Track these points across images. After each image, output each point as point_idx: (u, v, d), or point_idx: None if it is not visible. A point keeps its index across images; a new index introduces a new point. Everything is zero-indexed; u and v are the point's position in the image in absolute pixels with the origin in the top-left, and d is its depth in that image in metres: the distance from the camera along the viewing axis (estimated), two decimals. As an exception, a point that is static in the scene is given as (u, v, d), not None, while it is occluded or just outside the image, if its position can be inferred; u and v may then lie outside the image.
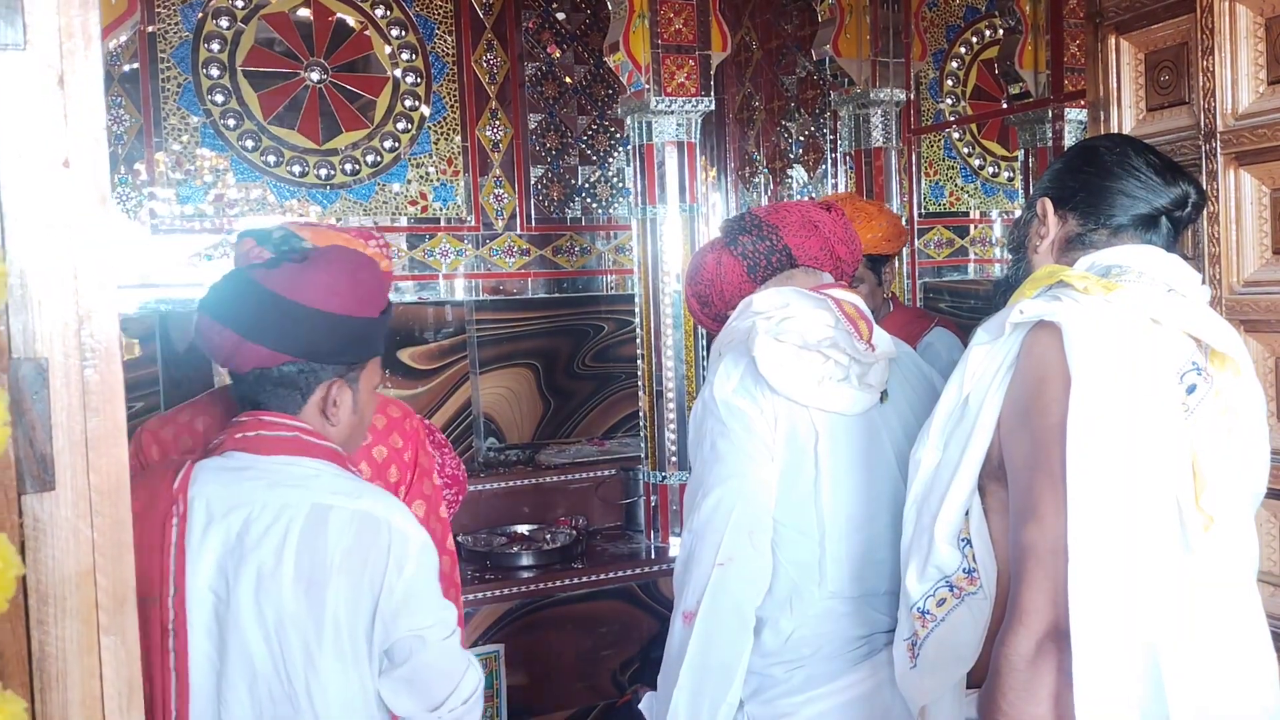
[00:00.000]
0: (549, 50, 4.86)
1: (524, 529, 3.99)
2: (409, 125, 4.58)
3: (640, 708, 1.94)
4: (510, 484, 4.11)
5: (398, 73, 4.56)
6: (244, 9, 4.31)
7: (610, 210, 5.00)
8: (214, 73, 4.27)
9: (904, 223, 3.87)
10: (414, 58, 4.58)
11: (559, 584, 3.61)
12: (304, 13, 4.41)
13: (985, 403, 1.50)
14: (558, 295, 4.83)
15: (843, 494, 1.81)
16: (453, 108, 4.66)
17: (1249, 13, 1.89)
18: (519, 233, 4.78)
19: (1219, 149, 1.92)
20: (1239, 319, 1.89)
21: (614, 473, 4.20)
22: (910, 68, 4.32)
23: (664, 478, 3.82)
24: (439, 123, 4.64)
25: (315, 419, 1.59)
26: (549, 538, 3.88)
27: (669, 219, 3.77)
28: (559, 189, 4.89)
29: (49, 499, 0.67)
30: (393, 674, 1.55)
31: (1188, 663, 1.38)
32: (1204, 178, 1.93)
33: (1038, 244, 1.63)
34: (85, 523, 0.68)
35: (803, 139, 4.93)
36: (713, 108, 3.88)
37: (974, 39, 4.89)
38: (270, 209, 4.38)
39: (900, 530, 1.63)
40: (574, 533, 3.89)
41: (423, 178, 4.61)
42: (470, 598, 3.36)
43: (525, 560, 3.70)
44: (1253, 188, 1.90)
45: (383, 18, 4.52)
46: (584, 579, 3.64)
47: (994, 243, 5.03)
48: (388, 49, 4.54)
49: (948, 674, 1.58)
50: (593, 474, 4.23)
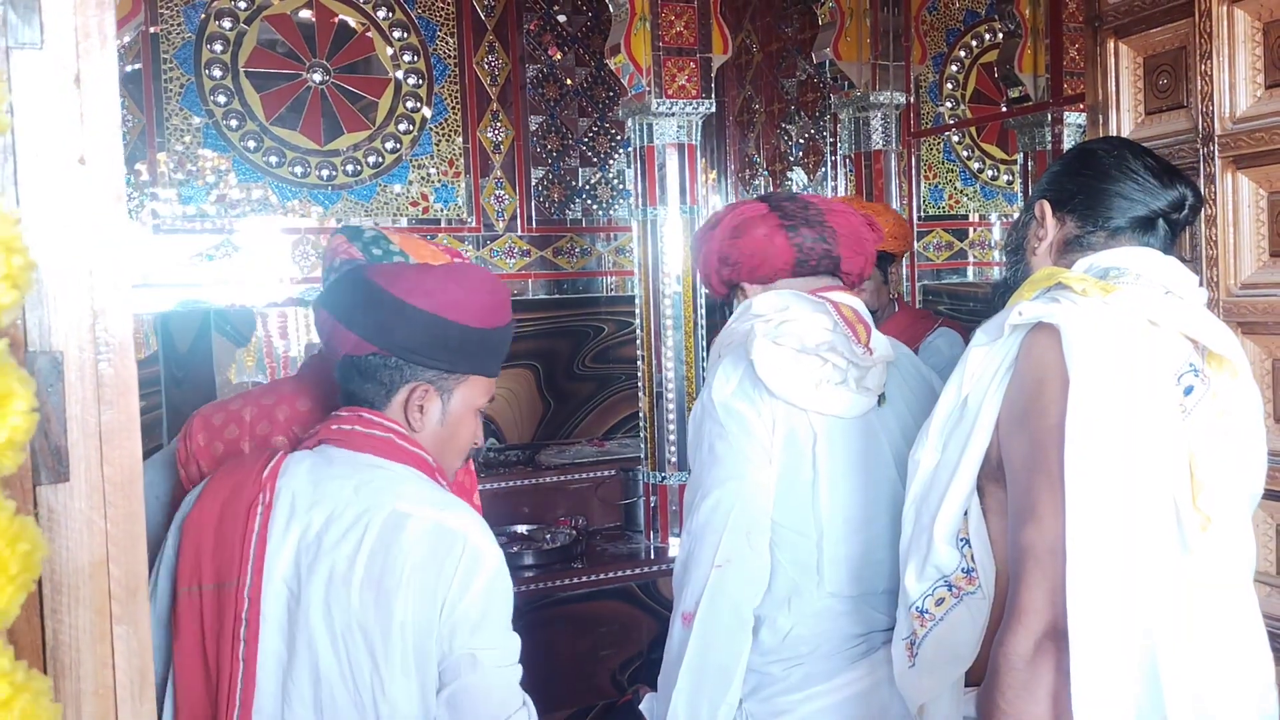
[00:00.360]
0: (550, 52, 4.87)
1: (524, 529, 3.99)
2: (410, 126, 4.59)
3: (641, 708, 1.95)
4: (510, 484, 4.12)
5: (399, 74, 4.57)
6: (246, 10, 4.32)
7: (611, 212, 5.01)
8: (216, 73, 4.28)
9: (908, 225, 3.89)
10: (416, 59, 4.59)
11: (559, 584, 3.61)
12: (306, 14, 4.42)
13: (984, 404, 1.51)
14: (558, 296, 4.84)
15: (841, 496, 1.82)
16: (454, 109, 4.67)
17: (1247, 17, 1.89)
18: (520, 234, 4.79)
19: (1217, 152, 1.93)
20: (1236, 321, 1.90)
21: (614, 473, 4.20)
22: (910, 71, 4.33)
23: (663, 478, 3.83)
24: (440, 124, 4.65)
25: (402, 420, 1.55)
26: (549, 538, 3.89)
27: (669, 220, 3.78)
28: (560, 190, 4.90)
29: (63, 490, 0.68)
30: (440, 694, 1.47)
31: (1185, 662, 1.38)
32: (1202, 181, 1.94)
33: (1036, 246, 1.64)
34: (99, 514, 0.69)
35: (803, 141, 4.94)
36: (713, 110, 3.89)
37: (974, 43, 4.90)
38: (272, 210, 4.39)
39: (898, 530, 1.64)
40: (574, 533, 3.90)
41: (424, 179, 4.62)
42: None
43: (525, 560, 3.70)
44: (1250, 191, 1.90)
45: (385, 19, 4.54)
46: (584, 579, 3.65)
47: (993, 246, 5.04)
48: (389, 50, 4.55)
49: (946, 673, 1.59)
50: (592, 474, 4.24)
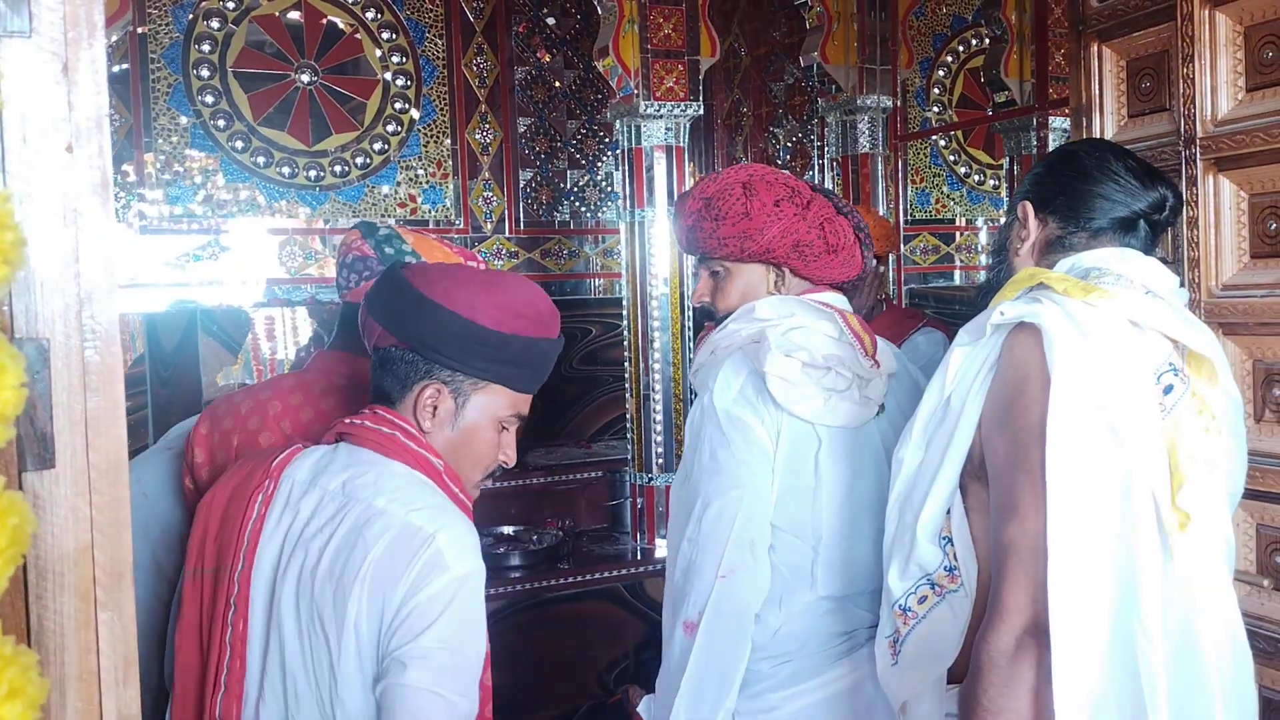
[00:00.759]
0: (539, 55, 4.88)
1: (511, 530, 4.00)
2: (399, 128, 4.60)
3: (639, 710, 1.95)
4: (497, 485, 4.12)
5: (388, 75, 4.57)
6: (235, 11, 4.32)
7: (599, 214, 5.02)
8: (204, 73, 4.28)
9: (893, 228, 3.90)
10: (404, 61, 4.60)
11: (545, 584, 3.62)
12: (294, 15, 4.42)
13: (967, 403, 1.52)
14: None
15: (839, 502, 1.83)
16: (442, 111, 4.68)
17: (1229, 21, 1.91)
18: (508, 235, 4.80)
19: (1198, 154, 1.94)
20: (1217, 322, 1.91)
21: (601, 475, 4.21)
22: (897, 75, 4.36)
23: (650, 479, 3.84)
24: (429, 125, 4.66)
25: (415, 419, 1.52)
26: (536, 539, 3.90)
27: (657, 222, 3.79)
28: (548, 192, 4.91)
29: (49, 476, 0.68)
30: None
31: (1165, 659, 1.40)
32: (1184, 183, 1.96)
33: (1019, 246, 1.65)
34: (84, 500, 0.70)
35: (790, 144, 4.96)
36: (701, 113, 3.90)
37: (961, 48, 4.93)
38: (259, 210, 4.39)
39: (883, 531, 1.65)
40: (561, 534, 3.90)
41: (412, 180, 4.62)
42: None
43: (512, 561, 3.71)
44: (1231, 193, 1.92)
45: (373, 21, 4.54)
46: (570, 580, 3.66)
47: (979, 250, 5.07)
48: (378, 52, 4.55)
49: (928, 671, 1.59)
50: (580, 476, 4.25)
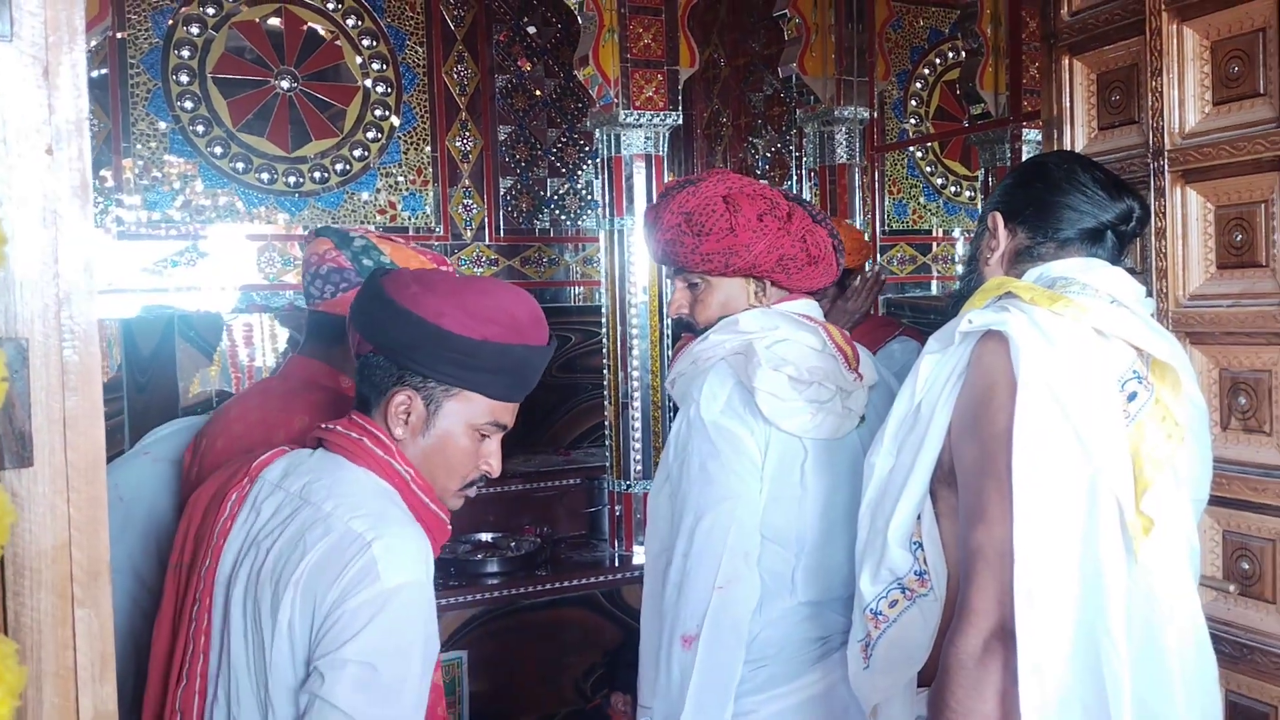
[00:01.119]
0: (519, 63, 4.90)
1: (489, 537, 4.00)
2: (379, 135, 4.60)
3: None
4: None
5: (368, 82, 4.58)
6: (215, 16, 4.32)
7: (579, 222, 5.04)
8: (184, 79, 4.27)
9: (867, 239, 3.94)
10: (385, 68, 4.60)
11: (523, 591, 3.62)
12: (275, 21, 4.42)
13: (936, 410, 1.54)
14: (525, 305, 4.85)
15: (822, 511, 1.85)
16: (423, 118, 4.69)
17: (1196, 36, 1.95)
18: (487, 243, 4.81)
19: (1166, 167, 1.98)
20: (1185, 331, 1.94)
21: (579, 482, 4.22)
22: (874, 87, 4.40)
23: (628, 486, 3.85)
24: (409, 133, 4.66)
25: (385, 426, 1.50)
26: (514, 545, 3.90)
27: (636, 231, 3.80)
28: (528, 200, 4.92)
29: (27, 475, 0.69)
30: None
31: (1129, 662, 1.42)
32: (1152, 194, 1.99)
33: (989, 256, 1.68)
34: (62, 498, 0.70)
35: (769, 155, 5.00)
36: (680, 122, 3.93)
37: (937, 60, 4.98)
38: (238, 216, 4.38)
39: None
40: (539, 540, 3.91)
41: (392, 187, 4.63)
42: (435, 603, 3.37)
43: (490, 568, 3.71)
44: (1198, 204, 1.95)
45: (354, 28, 4.55)
46: (548, 586, 3.66)
47: (956, 260, 5.11)
48: (359, 59, 4.56)
49: (899, 674, 1.61)
50: (558, 483, 4.25)
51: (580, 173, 5.05)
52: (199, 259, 4.32)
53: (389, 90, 4.61)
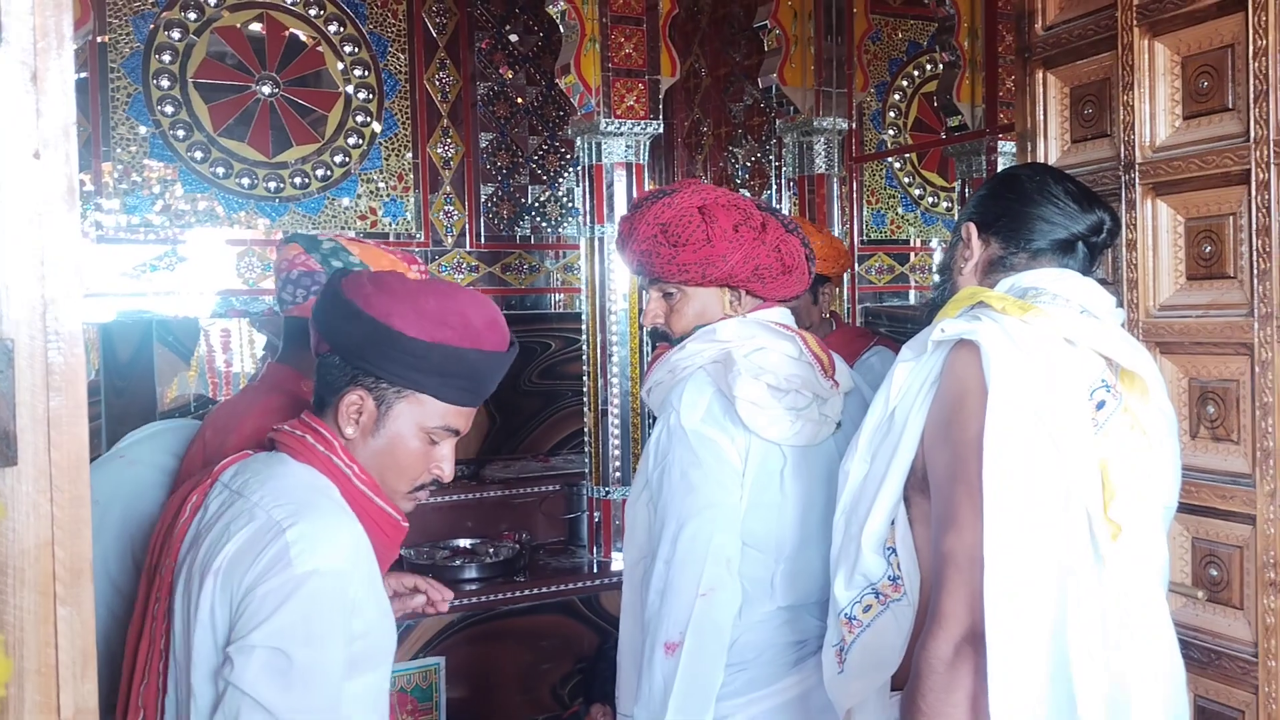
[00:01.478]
0: (501, 71, 4.91)
1: (467, 543, 4.00)
2: (360, 141, 4.61)
3: None
4: (454, 498, 4.13)
5: (350, 89, 4.58)
6: (196, 22, 4.32)
7: (559, 229, 5.05)
8: (164, 84, 4.27)
9: (845, 248, 3.96)
10: (366, 74, 4.61)
11: (501, 597, 3.63)
12: (256, 27, 4.43)
13: (910, 417, 1.56)
14: (506, 312, 4.77)
15: (800, 517, 1.87)
16: (404, 124, 4.69)
17: (1167, 51, 1.98)
18: (468, 249, 4.82)
19: (1137, 179, 2.01)
20: (1155, 341, 1.97)
21: (558, 488, 4.23)
22: (853, 98, 4.43)
23: (607, 493, 3.86)
24: (390, 139, 4.67)
25: (338, 425, 1.51)
26: (492, 551, 3.90)
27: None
28: (509, 207, 4.93)
29: (10, 474, 0.70)
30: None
31: (1099, 667, 1.44)
32: (1123, 207, 2.02)
33: (962, 266, 1.70)
34: (45, 498, 0.71)
35: (749, 164, 5.03)
36: (661, 131, 3.95)
37: (915, 73, 5.02)
38: (218, 221, 4.38)
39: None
40: (517, 547, 3.91)
41: (373, 193, 4.63)
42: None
43: (468, 573, 3.71)
44: (1168, 217, 1.98)
45: (336, 34, 4.55)
46: (527, 592, 3.67)
47: (933, 270, 5.15)
48: (340, 65, 4.56)
49: (873, 678, 1.63)
50: (537, 489, 4.26)
51: (561, 180, 5.07)
52: (178, 264, 4.31)
53: (370, 96, 4.62)
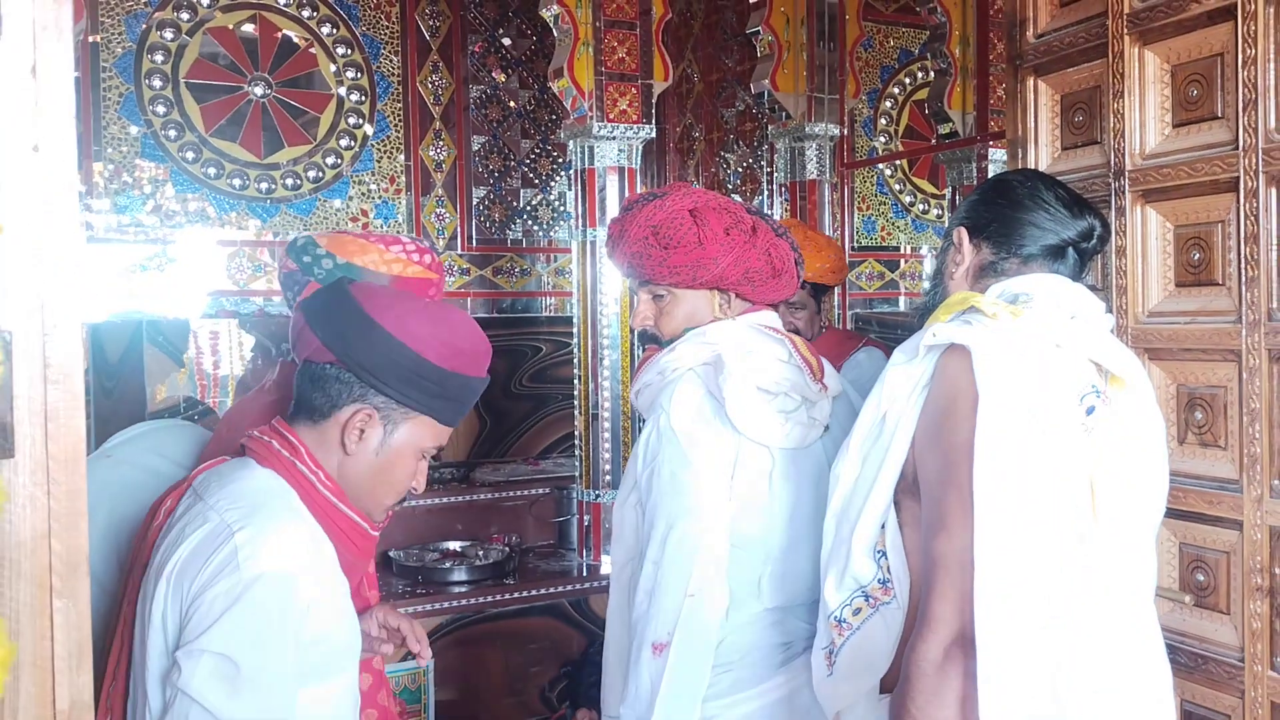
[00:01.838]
0: (494, 74, 4.91)
1: (457, 545, 4.00)
2: (352, 142, 4.60)
3: None
4: (444, 500, 4.12)
5: (342, 90, 4.58)
6: (189, 22, 4.31)
7: (551, 233, 5.05)
8: (156, 84, 4.26)
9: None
10: (359, 76, 4.61)
11: (491, 599, 3.62)
12: (249, 28, 4.42)
13: (901, 421, 1.56)
14: (497, 315, 4.86)
15: (788, 519, 1.87)
16: (397, 127, 4.69)
17: (1157, 60, 2.00)
18: (460, 252, 4.82)
19: (1127, 186, 2.02)
20: (1143, 347, 1.99)
21: (548, 491, 4.23)
22: (845, 104, 4.45)
23: (597, 496, 3.87)
24: (382, 141, 4.67)
25: (330, 440, 1.49)
26: (481, 554, 3.90)
27: (608, 242, 3.83)
28: (501, 210, 4.93)
29: (7, 466, 0.70)
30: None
31: (1086, 671, 1.45)
32: (1113, 214, 2.03)
33: (953, 270, 1.71)
34: (42, 490, 0.71)
35: (741, 169, 5.04)
36: (654, 135, 3.96)
37: (907, 80, 5.04)
38: (209, 221, 4.37)
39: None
40: (507, 549, 3.91)
41: (364, 195, 4.63)
42: (403, 612, 3.37)
43: (458, 576, 3.71)
44: (1158, 224, 2.00)
45: (329, 36, 4.55)
46: (516, 595, 3.67)
47: (923, 277, 5.17)
48: (333, 67, 4.56)
49: (862, 681, 1.63)
50: (527, 492, 4.26)
51: (553, 184, 5.07)
52: (168, 264, 4.30)
53: (363, 98, 4.62)
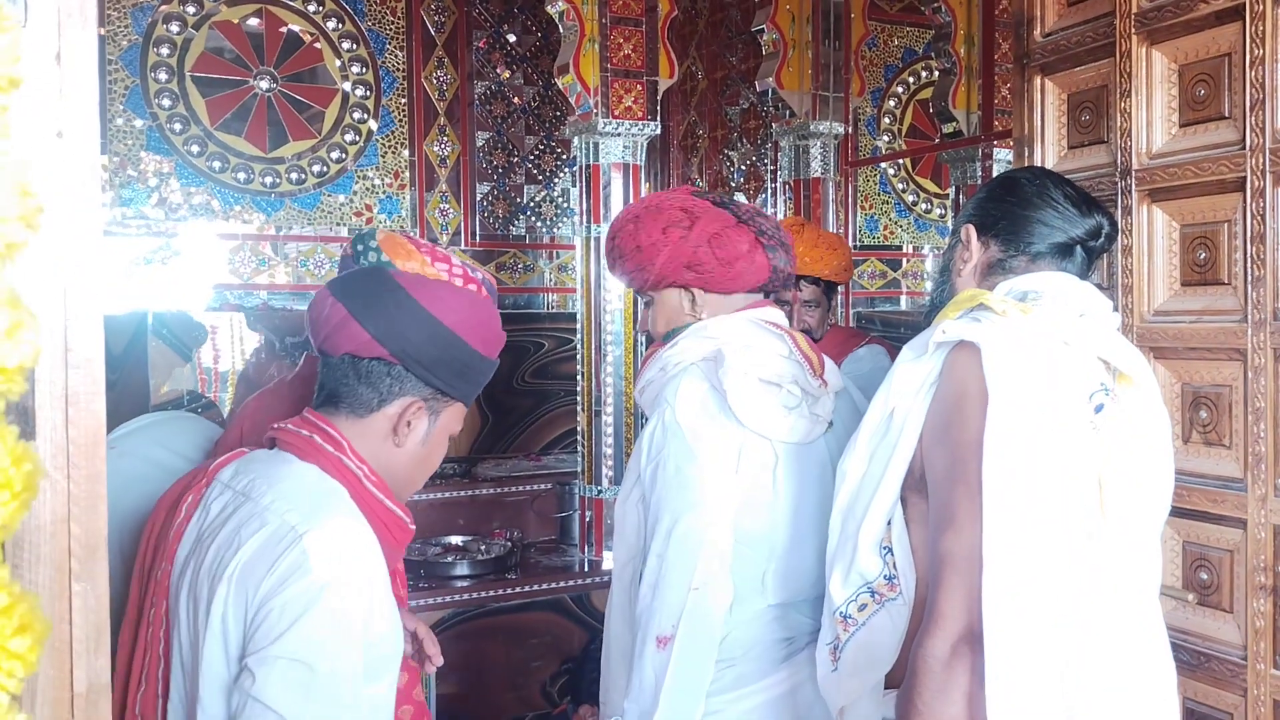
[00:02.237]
0: (499, 70, 4.92)
1: (459, 540, 4.00)
2: (356, 137, 4.61)
3: None
4: (447, 495, 4.13)
5: (347, 85, 4.58)
6: (195, 16, 4.32)
7: (554, 229, 5.06)
8: (162, 77, 4.26)
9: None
10: (364, 71, 4.61)
11: (492, 594, 3.63)
12: (255, 22, 4.43)
13: (909, 417, 1.56)
14: (500, 311, 4.86)
15: (791, 515, 1.87)
16: (401, 122, 4.70)
17: (1164, 59, 2.00)
18: (463, 248, 4.82)
19: (1134, 185, 2.02)
20: (1149, 346, 1.99)
21: (550, 487, 4.23)
22: (849, 103, 4.45)
23: (599, 492, 3.87)
24: (387, 136, 4.67)
25: (374, 432, 1.47)
26: (483, 549, 3.90)
27: (612, 239, 3.83)
28: (504, 206, 4.94)
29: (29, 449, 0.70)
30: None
31: (1094, 669, 1.45)
32: (1119, 213, 2.03)
33: (961, 268, 1.71)
34: (62, 474, 0.72)
35: (744, 167, 5.04)
36: (658, 132, 3.96)
37: (911, 79, 5.05)
38: (214, 214, 4.37)
39: (826, 541, 1.70)
40: (509, 544, 3.91)
41: (368, 190, 4.63)
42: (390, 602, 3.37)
43: (460, 570, 3.71)
44: (1164, 223, 2.00)
45: (334, 30, 4.55)
46: (517, 590, 3.67)
47: (925, 276, 5.17)
48: (338, 62, 4.57)
49: (866, 677, 1.64)
50: (529, 488, 4.27)
51: (557, 180, 5.07)
52: (172, 258, 4.30)
53: (368, 94, 4.62)
